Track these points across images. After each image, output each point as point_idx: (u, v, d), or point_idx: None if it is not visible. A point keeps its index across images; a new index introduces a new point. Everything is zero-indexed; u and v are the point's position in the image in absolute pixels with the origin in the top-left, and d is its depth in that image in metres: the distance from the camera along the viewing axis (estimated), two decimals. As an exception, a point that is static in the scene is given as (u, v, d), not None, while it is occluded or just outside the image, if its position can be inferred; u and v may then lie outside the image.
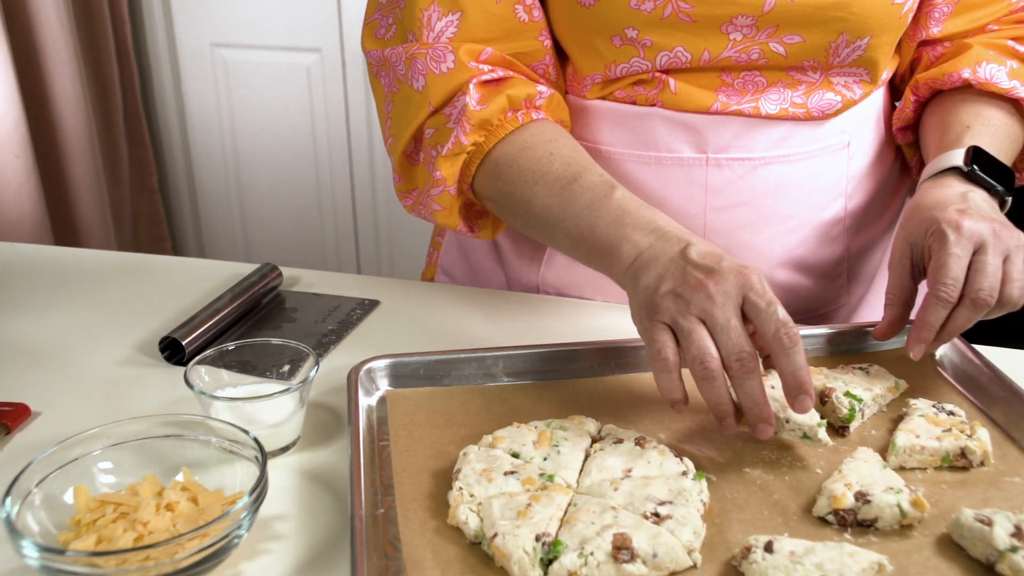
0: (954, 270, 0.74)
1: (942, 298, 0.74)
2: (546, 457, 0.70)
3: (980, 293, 0.73)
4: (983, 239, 0.75)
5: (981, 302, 0.73)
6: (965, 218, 0.76)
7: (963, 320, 0.75)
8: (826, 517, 0.65)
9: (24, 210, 2.19)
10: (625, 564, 0.59)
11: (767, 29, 0.86)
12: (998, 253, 0.75)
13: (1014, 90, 0.92)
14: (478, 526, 0.63)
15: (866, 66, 0.92)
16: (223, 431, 0.69)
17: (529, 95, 0.89)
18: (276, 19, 2.55)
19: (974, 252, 0.75)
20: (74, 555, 0.59)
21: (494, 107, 0.87)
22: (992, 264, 0.74)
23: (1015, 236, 0.76)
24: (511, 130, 0.88)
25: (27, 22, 2.22)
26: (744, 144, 0.93)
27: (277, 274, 1.07)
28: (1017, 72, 0.93)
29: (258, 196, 2.79)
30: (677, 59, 0.89)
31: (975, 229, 0.75)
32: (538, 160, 0.85)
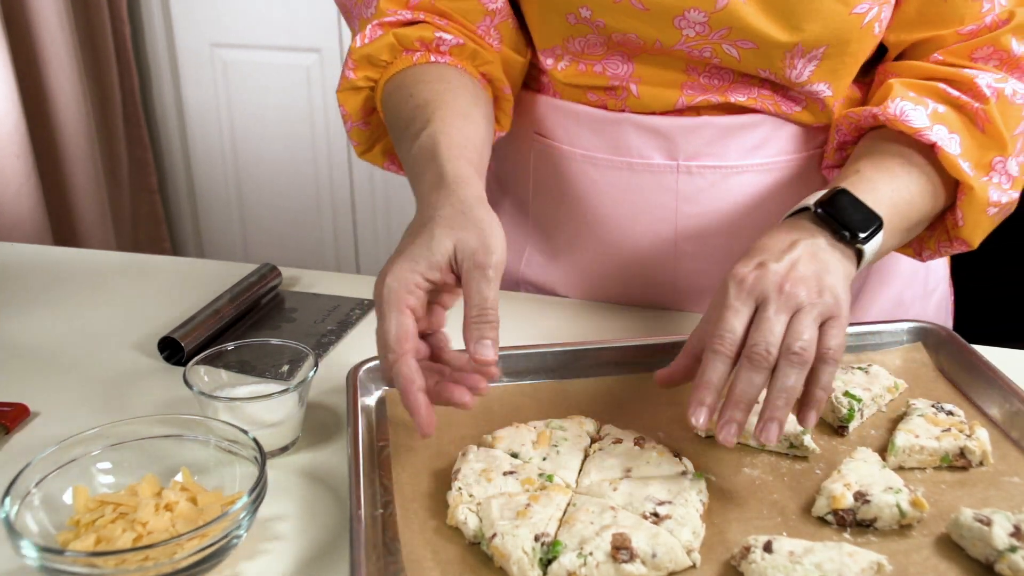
0: (730, 322, 0.67)
1: (717, 351, 0.66)
2: (545, 457, 0.70)
3: (754, 348, 0.65)
4: (765, 294, 0.67)
5: (756, 358, 0.64)
6: (756, 271, 0.68)
7: (743, 384, 0.65)
8: (825, 517, 0.65)
9: (24, 210, 2.19)
10: (624, 564, 0.59)
11: (720, 30, 0.84)
12: (783, 309, 0.66)
13: (924, 132, 0.80)
14: (477, 526, 0.63)
15: (828, 80, 0.88)
16: (222, 431, 0.69)
17: (424, 37, 0.88)
18: (276, 19, 2.55)
19: (757, 307, 0.67)
20: (73, 555, 0.59)
21: (378, 44, 0.88)
22: (771, 319, 0.66)
23: (812, 292, 0.67)
24: (401, 68, 0.88)
25: (27, 23, 2.22)
26: (716, 151, 0.92)
27: (276, 274, 1.07)
28: (941, 116, 0.81)
29: (257, 196, 2.79)
30: (630, 41, 0.88)
31: (759, 283, 0.67)
32: (399, 101, 0.85)
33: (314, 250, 2.79)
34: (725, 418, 0.65)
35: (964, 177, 0.80)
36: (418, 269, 0.66)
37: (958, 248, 0.87)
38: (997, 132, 0.81)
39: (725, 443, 0.64)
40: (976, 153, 0.82)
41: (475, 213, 0.68)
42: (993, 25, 0.83)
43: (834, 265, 0.70)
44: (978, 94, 0.82)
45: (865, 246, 0.73)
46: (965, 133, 0.82)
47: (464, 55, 0.90)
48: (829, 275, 0.69)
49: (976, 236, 0.85)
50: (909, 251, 0.91)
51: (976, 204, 0.82)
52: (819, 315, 0.67)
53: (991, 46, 0.83)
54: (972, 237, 0.85)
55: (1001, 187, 0.82)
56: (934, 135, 0.80)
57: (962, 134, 0.82)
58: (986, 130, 0.82)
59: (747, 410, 0.65)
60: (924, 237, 0.89)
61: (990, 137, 0.82)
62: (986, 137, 0.82)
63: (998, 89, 0.82)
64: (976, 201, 0.81)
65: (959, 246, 0.86)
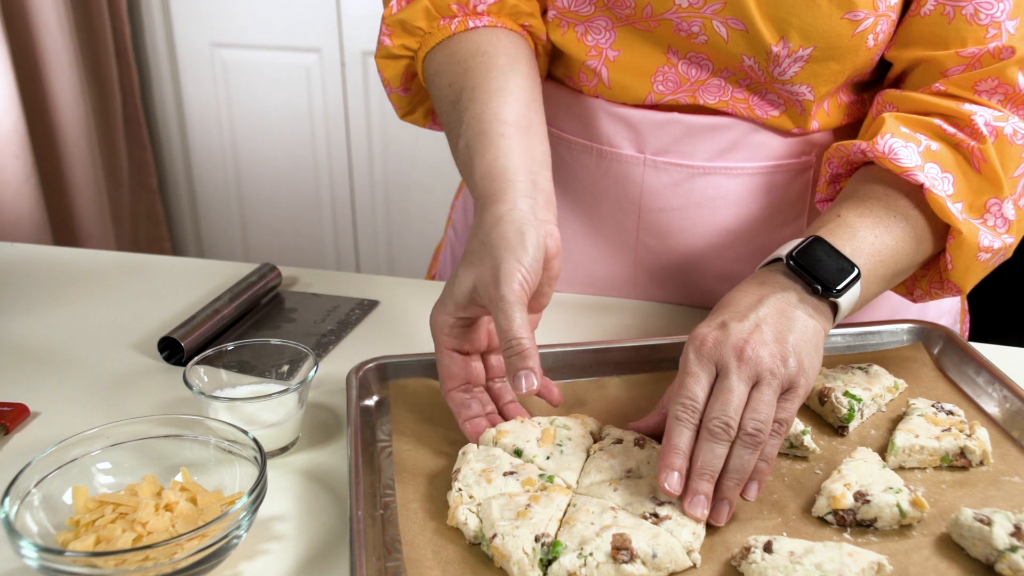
0: (691, 389, 0.65)
1: (680, 418, 0.65)
2: (549, 456, 0.70)
3: (714, 422, 0.63)
4: (724, 360, 0.65)
5: (716, 431, 0.63)
6: (717, 332, 0.67)
7: (706, 455, 0.63)
8: (825, 517, 0.65)
9: (23, 210, 2.19)
10: (624, 564, 0.59)
11: (714, 4, 0.82)
12: (743, 377, 0.64)
13: (912, 172, 0.76)
14: (478, 527, 0.63)
15: (811, 83, 0.86)
16: (222, 431, 0.69)
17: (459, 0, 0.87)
18: (276, 19, 2.55)
19: (717, 375, 0.66)
20: (73, 555, 0.59)
21: (412, 9, 0.86)
22: (731, 390, 0.64)
23: (775, 361, 0.65)
24: (440, 39, 0.87)
25: (26, 23, 2.22)
26: (682, 150, 0.92)
27: (276, 274, 1.07)
28: (935, 155, 0.78)
29: (257, 196, 2.79)
30: (621, 2, 0.86)
31: (717, 347, 0.66)
32: (440, 90, 0.85)
33: (314, 250, 2.79)
34: (691, 490, 0.63)
35: (952, 221, 0.76)
36: (447, 311, 0.72)
37: (949, 292, 0.82)
38: (993, 173, 0.77)
39: (692, 517, 0.63)
40: (970, 195, 0.78)
41: (492, 241, 0.69)
42: (996, 53, 0.79)
43: (802, 324, 0.68)
44: (975, 132, 0.78)
45: (840, 299, 0.70)
46: (959, 173, 0.78)
47: (503, 11, 0.88)
48: (793, 335, 0.67)
49: (967, 281, 0.80)
50: (901, 290, 0.87)
51: (965, 249, 0.77)
52: (779, 386, 0.65)
53: (996, 79, 0.79)
54: (963, 282, 0.80)
55: (996, 231, 0.78)
56: (923, 175, 0.76)
57: (955, 173, 0.78)
58: (982, 170, 0.78)
59: (711, 481, 0.63)
60: (917, 276, 0.85)
61: (985, 178, 0.78)
62: (981, 178, 0.78)
63: (997, 128, 0.78)
64: (966, 245, 0.77)
65: (949, 290, 0.82)
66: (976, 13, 0.79)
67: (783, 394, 0.65)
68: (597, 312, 1.01)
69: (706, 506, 0.63)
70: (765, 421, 0.64)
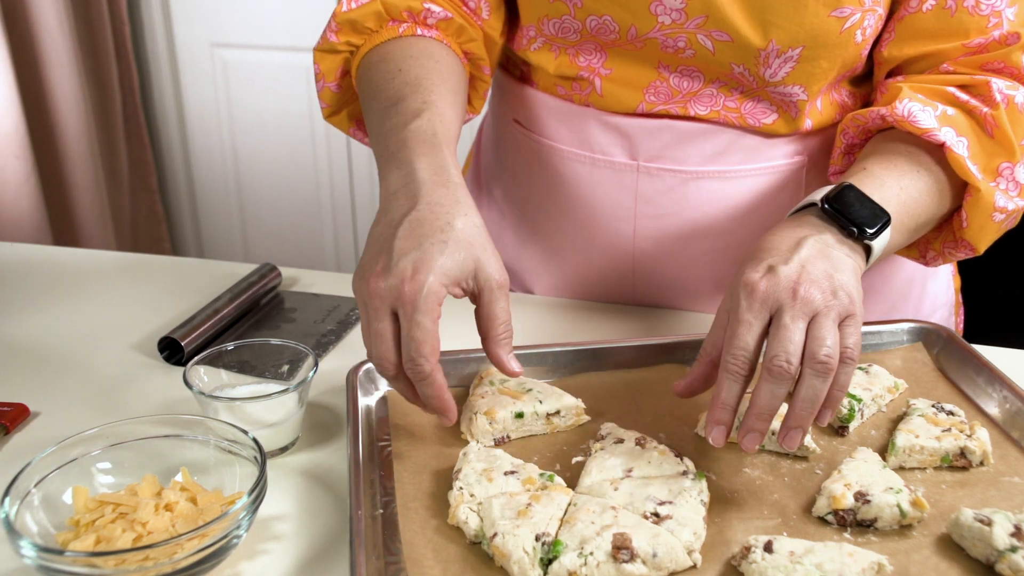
0: (743, 339, 0.65)
1: (731, 371, 0.65)
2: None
3: (775, 361, 0.63)
4: (779, 302, 0.65)
5: (777, 371, 0.63)
6: (767, 277, 0.66)
7: (765, 397, 0.64)
8: (826, 517, 0.65)
9: (23, 210, 2.19)
10: (625, 564, 0.59)
11: (696, 18, 0.83)
12: (799, 316, 0.64)
13: (932, 132, 0.79)
14: (478, 526, 0.63)
15: (803, 83, 0.86)
16: (222, 431, 0.69)
17: (412, 8, 0.88)
18: (276, 19, 2.54)
19: (772, 316, 0.66)
20: (73, 555, 0.59)
21: (364, 10, 0.87)
22: (789, 327, 0.64)
23: (827, 294, 0.66)
24: (386, 38, 0.87)
25: (26, 23, 2.21)
26: (675, 155, 0.92)
27: (276, 274, 1.07)
28: (951, 119, 0.81)
29: (257, 196, 2.79)
30: (605, 28, 0.87)
31: (771, 291, 0.66)
32: (384, 74, 0.84)
33: (314, 250, 2.79)
34: (747, 427, 0.65)
35: (972, 179, 0.79)
36: (448, 282, 0.67)
37: (963, 252, 0.85)
38: (1006, 138, 0.80)
39: (747, 450, 0.65)
40: (984, 158, 0.81)
41: (483, 233, 0.70)
42: (1002, 40, 0.82)
43: (844, 262, 0.69)
44: (989, 98, 0.81)
45: (873, 242, 0.72)
46: (973, 137, 0.81)
47: (450, 30, 0.89)
48: (840, 272, 0.68)
49: (981, 240, 0.83)
50: (915, 254, 0.89)
51: (982, 207, 0.81)
52: (836, 316, 0.65)
53: (1002, 62, 0.82)
54: (977, 240, 0.83)
55: (1008, 194, 0.81)
56: (943, 136, 0.79)
57: (970, 138, 0.81)
58: (995, 135, 0.81)
59: (769, 420, 0.65)
60: (930, 239, 0.87)
61: (998, 143, 0.81)
62: (994, 143, 0.81)
63: (1009, 96, 0.81)
64: (982, 203, 0.80)
65: (963, 249, 0.85)
66: (977, 4, 0.82)
67: (843, 322, 0.66)
68: (596, 317, 1.01)
69: (759, 440, 0.65)
70: (832, 346, 0.64)
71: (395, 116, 0.78)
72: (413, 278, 0.66)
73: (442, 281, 0.66)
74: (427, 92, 0.80)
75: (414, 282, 0.65)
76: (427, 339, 0.65)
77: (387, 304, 0.67)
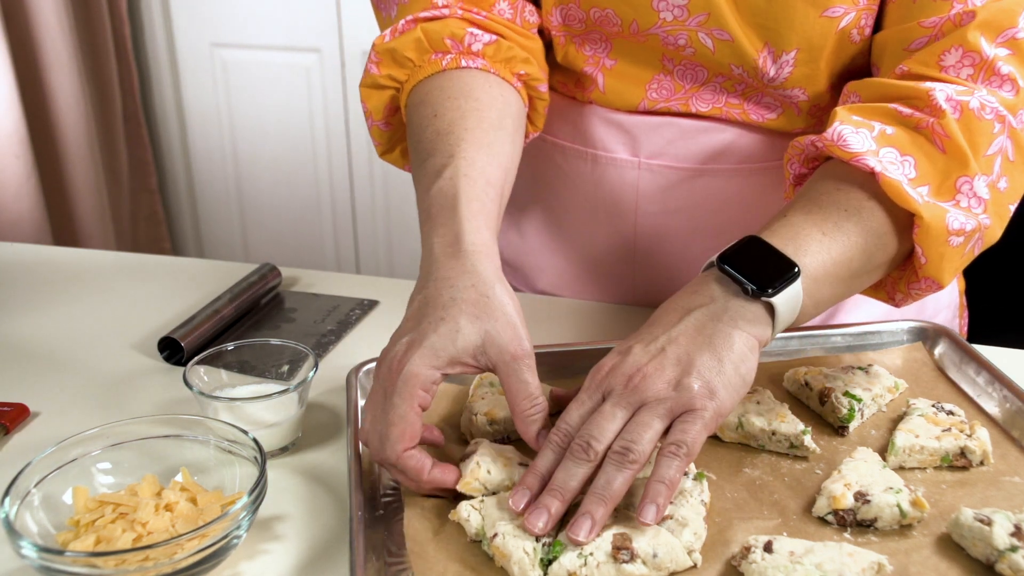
0: (571, 415, 0.64)
1: (552, 441, 0.64)
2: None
3: (576, 440, 0.62)
4: (611, 387, 0.64)
5: (576, 449, 0.61)
6: (616, 360, 0.65)
7: (563, 472, 0.61)
8: (826, 517, 0.65)
9: (23, 210, 2.19)
10: (625, 564, 0.59)
11: (698, 16, 0.83)
12: (622, 403, 0.62)
13: (863, 157, 0.70)
14: (479, 525, 0.63)
15: (803, 85, 0.85)
16: (222, 431, 0.69)
17: (454, 34, 0.82)
18: (276, 19, 2.54)
19: (603, 400, 0.64)
20: (73, 555, 0.59)
21: (404, 39, 0.83)
22: (603, 413, 0.62)
23: (664, 387, 0.62)
24: (430, 73, 0.83)
25: (26, 22, 2.22)
26: (677, 152, 0.92)
27: (276, 274, 1.07)
28: (891, 138, 0.72)
29: (257, 196, 2.79)
30: (608, 20, 0.86)
31: (610, 376, 0.64)
32: (422, 119, 0.80)
33: (314, 250, 2.79)
34: (538, 503, 0.61)
35: (911, 205, 0.70)
36: (438, 364, 0.63)
37: (928, 289, 0.76)
38: (957, 149, 0.72)
39: (529, 530, 0.60)
40: (936, 176, 0.72)
41: (497, 297, 0.65)
42: (957, 20, 0.74)
43: (721, 340, 0.64)
44: (933, 108, 0.72)
45: (774, 299, 0.65)
46: (920, 154, 0.72)
47: (499, 56, 0.84)
48: (704, 356, 0.63)
49: (943, 272, 0.73)
50: (882, 295, 0.81)
51: (932, 235, 0.71)
52: (667, 411, 0.62)
53: (959, 47, 0.74)
54: (939, 274, 0.73)
55: (970, 211, 0.72)
56: (876, 160, 0.71)
57: (916, 155, 0.72)
58: (946, 148, 0.72)
59: (563, 500, 0.61)
60: (895, 279, 0.79)
61: (951, 156, 0.72)
62: (947, 157, 0.72)
63: (961, 102, 0.72)
64: (931, 232, 0.71)
65: (928, 286, 0.75)
66: None
67: (680, 416, 0.62)
68: (596, 317, 1.01)
69: (549, 522, 0.60)
70: (636, 441, 0.60)
71: (424, 177, 0.75)
72: (400, 360, 0.63)
73: (430, 363, 0.63)
74: (456, 141, 0.75)
75: (399, 364, 0.63)
76: (396, 423, 0.63)
77: (378, 389, 0.65)
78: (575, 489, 0.61)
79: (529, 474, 0.63)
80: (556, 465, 0.63)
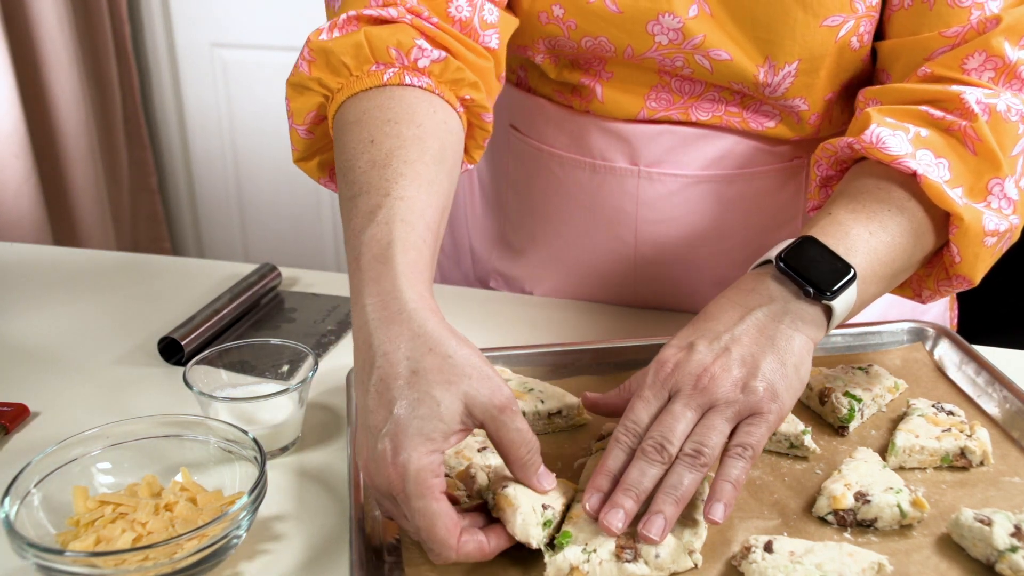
0: (638, 413, 0.63)
1: (620, 440, 0.63)
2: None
3: (648, 441, 0.61)
4: (679, 387, 0.63)
5: (648, 451, 0.61)
6: (680, 357, 0.64)
7: (636, 472, 0.61)
8: (826, 517, 0.65)
9: (23, 210, 2.19)
10: (628, 563, 0.59)
11: (694, 38, 0.82)
12: (692, 404, 0.62)
13: (903, 159, 0.72)
14: (485, 482, 0.64)
15: (803, 95, 0.85)
16: (222, 431, 0.69)
17: (400, 43, 0.74)
18: (276, 19, 2.54)
19: (669, 398, 0.64)
20: (73, 555, 0.59)
21: (343, 41, 0.75)
22: (674, 414, 0.62)
23: (736, 388, 0.62)
24: (368, 87, 0.74)
25: (26, 22, 2.21)
26: (676, 160, 0.91)
27: (276, 274, 1.07)
28: (925, 141, 0.73)
29: (257, 196, 2.79)
30: (601, 47, 0.86)
31: (677, 374, 0.64)
32: (356, 144, 0.71)
33: (314, 250, 2.79)
34: (611, 502, 0.60)
35: (952, 207, 0.71)
36: (436, 447, 0.57)
37: (959, 286, 0.77)
38: (989, 151, 0.73)
39: (606, 529, 0.59)
40: (969, 177, 0.74)
41: (459, 354, 0.59)
42: (980, 27, 0.76)
43: (783, 342, 0.65)
44: (965, 111, 0.74)
45: (834, 302, 0.66)
46: (954, 156, 0.74)
47: (446, 76, 0.76)
48: (768, 358, 0.64)
49: (977, 271, 0.75)
50: (908, 293, 0.82)
51: (970, 236, 0.73)
52: (735, 414, 0.62)
53: (983, 51, 0.76)
54: (973, 273, 0.75)
55: (1001, 212, 0.74)
56: (916, 162, 0.72)
57: (951, 158, 0.74)
58: (977, 151, 0.73)
59: (637, 499, 0.60)
60: (922, 276, 0.80)
61: (983, 158, 0.73)
62: (979, 159, 0.73)
63: (989, 105, 0.74)
64: (970, 233, 0.72)
65: (960, 284, 0.77)
66: None
67: (747, 419, 0.62)
68: (596, 317, 1.01)
69: (624, 520, 0.60)
70: (706, 444, 0.61)
71: (354, 216, 0.67)
72: (395, 462, 0.57)
73: (428, 449, 0.57)
74: (394, 176, 0.67)
75: (398, 467, 0.56)
76: (436, 522, 0.57)
77: (386, 497, 0.59)
78: (648, 489, 0.61)
79: (600, 475, 0.62)
80: (625, 464, 0.62)
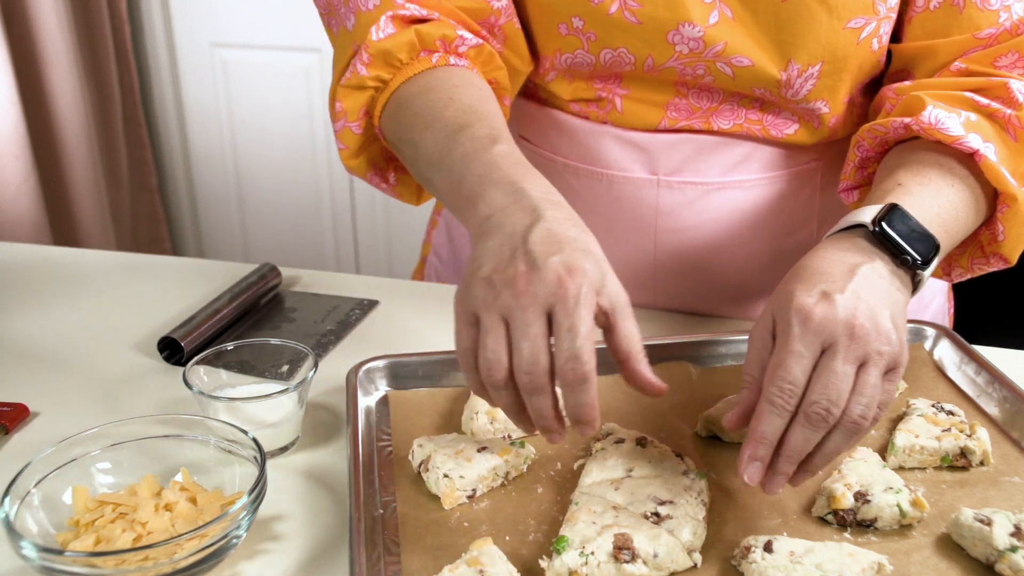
0: (793, 371, 0.60)
1: (775, 404, 0.59)
2: None
3: (814, 407, 0.59)
4: (834, 337, 0.60)
5: (815, 417, 0.59)
6: (822, 305, 0.61)
7: (798, 440, 0.59)
8: (826, 517, 0.65)
9: (23, 210, 2.19)
10: (626, 564, 0.59)
11: (714, 47, 0.82)
12: (850, 358, 0.59)
13: (962, 139, 0.74)
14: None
15: (825, 97, 0.86)
16: (222, 431, 0.69)
17: (446, 36, 0.81)
18: (276, 19, 2.54)
19: (822, 352, 0.60)
20: (73, 555, 0.59)
21: (398, 39, 0.80)
22: (838, 373, 0.59)
23: (883, 338, 0.60)
24: (420, 70, 0.80)
25: (26, 22, 2.21)
26: (696, 168, 0.91)
27: (276, 274, 1.07)
28: (975, 125, 0.76)
29: (257, 196, 2.79)
30: (620, 60, 0.86)
31: (827, 322, 0.60)
32: (434, 103, 0.76)
33: (314, 250, 2.79)
34: (775, 469, 0.60)
35: (1007, 187, 0.74)
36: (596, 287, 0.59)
37: (995, 265, 0.80)
38: None
39: (769, 493, 0.61)
40: (1011, 162, 0.77)
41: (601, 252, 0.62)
42: (1014, 30, 0.79)
43: (896, 297, 0.64)
44: (1010, 99, 0.77)
45: (924, 272, 0.67)
46: (999, 142, 0.77)
47: (480, 58, 0.83)
48: (888, 310, 0.62)
49: (1016, 251, 0.78)
50: (937, 272, 0.83)
51: (1019, 216, 0.75)
52: (885, 366, 0.61)
53: (1015, 52, 0.79)
54: (1012, 252, 0.78)
55: None
56: (973, 142, 0.74)
57: (996, 143, 0.76)
58: (1019, 138, 0.77)
59: (798, 463, 0.60)
60: (955, 255, 0.82)
61: (1022, 145, 0.77)
62: (1019, 146, 0.77)
63: None
64: (1019, 214, 0.75)
65: (996, 263, 0.79)
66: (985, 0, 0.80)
67: (886, 374, 0.61)
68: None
69: (783, 484, 0.61)
70: (870, 407, 0.60)
71: (467, 142, 0.70)
72: (570, 275, 0.58)
73: (594, 286, 0.59)
74: (491, 120, 0.72)
75: (572, 278, 0.58)
76: (591, 336, 0.58)
77: (540, 304, 0.58)
78: (806, 452, 0.60)
79: (758, 443, 0.60)
80: (783, 427, 0.60)
